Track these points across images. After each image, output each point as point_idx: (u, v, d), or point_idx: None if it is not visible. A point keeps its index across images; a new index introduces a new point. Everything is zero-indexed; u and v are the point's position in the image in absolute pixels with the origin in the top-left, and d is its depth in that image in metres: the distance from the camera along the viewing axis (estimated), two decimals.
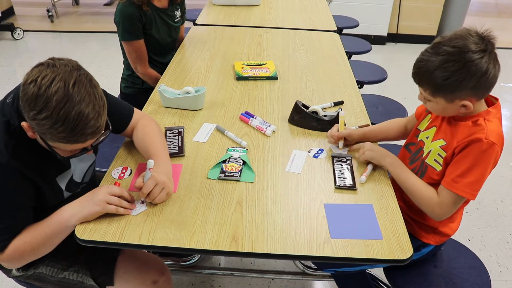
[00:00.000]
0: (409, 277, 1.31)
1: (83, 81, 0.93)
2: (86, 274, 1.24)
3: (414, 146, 1.32)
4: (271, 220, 1.10)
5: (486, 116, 1.11)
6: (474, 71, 1.02)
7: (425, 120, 1.31)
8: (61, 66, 0.93)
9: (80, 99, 0.91)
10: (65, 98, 0.89)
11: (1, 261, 1.08)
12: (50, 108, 0.89)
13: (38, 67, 0.93)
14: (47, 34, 4.76)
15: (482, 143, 1.07)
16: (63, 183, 1.17)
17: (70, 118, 0.90)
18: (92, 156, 1.29)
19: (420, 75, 1.11)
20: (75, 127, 0.92)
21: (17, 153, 1.00)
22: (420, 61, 1.10)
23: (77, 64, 0.97)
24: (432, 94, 1.11)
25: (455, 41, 1.04)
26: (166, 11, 2.04)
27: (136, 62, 1.99)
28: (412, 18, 4.61)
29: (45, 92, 0.89)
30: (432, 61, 1.06)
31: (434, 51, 1.07)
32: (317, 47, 2.25)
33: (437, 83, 1.07)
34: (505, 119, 3.38)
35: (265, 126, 1.48)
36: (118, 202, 1.08)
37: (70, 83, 0.91)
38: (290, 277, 1.88)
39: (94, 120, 0.94)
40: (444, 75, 1.05)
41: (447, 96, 1.08)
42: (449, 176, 1.13)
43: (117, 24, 1.90)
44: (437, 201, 1.16)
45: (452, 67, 1.04)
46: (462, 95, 1.07)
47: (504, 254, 2.09)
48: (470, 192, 1.11)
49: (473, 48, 1.02)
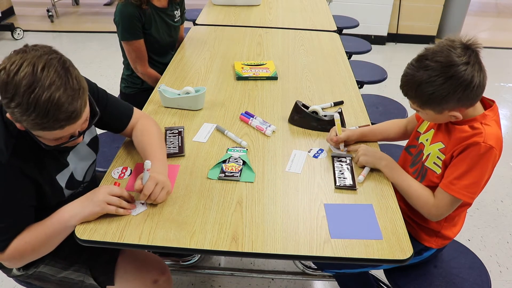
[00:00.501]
0: (409, 277, 1.31)
1: (54, 65, 0.89)
2: (87, 274, 1.24)
3: (415, 148, 1.32)
4: (271, 220, 1.10)
5: (483, 120, 1.11)
6: (459, 84, 1.03)
7: (425, 122, 1.31)
8: (31, 51, 0.89)
9: (50, 83, 0.87)
10: (34, 83, 0.86)
11: (2, 260, 1.08)
12: (19, 94, 0.86)
13: (10, 54, 0.90)
14: (47, 34, 4.76)
15: (480, 147, 1.07)
16: (63, 181, 1.17)
17: (40, 103, 0.86)
18: (92, 155, 1.29)
19: (406, 89, 1.12)
20: (47, 112, 0.88)
21: (17, 152, 1.00)
22: (405, 75, 1.12)
23: (50, 49, 0.93)
24: (420, 107, 1.13)
25: (439, 55, 1.05)
26: (166, 10, 2.04)
27: (136, 62, 1.99)
28: (412, 18, 4.61)
29: (13, 78, 0.86)
30: (416, 76, 1.08)
31: (418, 65, 1.08)
32: (317, 47, 2.25)
33: (423, 97, 1.09)
34: (505, 119, 3.38)
35: (265, 126, 1.48)
36: (118, 202, 1.08)
37: (38, 68, 0.87)
38: (290, 277, 1.88)
39: (68, 104, 0.90)
40: (429, 90, 1.06)
41: (435, 108, 1.10)
42: (446, 178, 1.14)
43: (116, 24, 1.90)
44: (433, 202, 1.16)
45: (436, 81, 1.05)
46: (449, 107, 1.08)
47: (504, 254, 2.09)
48: (467, 195, 1.11)
49: (456, 61, 1.03)
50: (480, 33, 5.06)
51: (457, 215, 1.25)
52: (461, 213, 1.27)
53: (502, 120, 3.35)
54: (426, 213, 1.19)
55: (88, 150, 1.26)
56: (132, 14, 1.86)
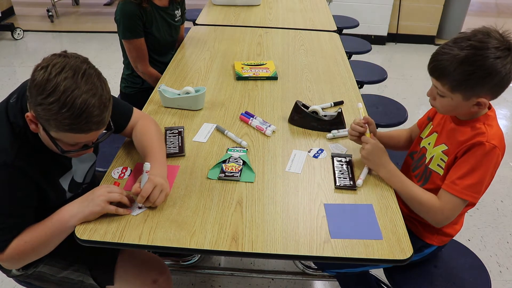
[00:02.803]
0: (409, 277, 1.31)
1: (92, 74, 0.97)
2: (86, 274, 1.24)
3: (417, 153, 1.32)
4: (271, 220, 1.10)
5: (485, 121, 1.11)
6: (499, 69, 1.01)
7: (427, 128, 1.31)
8: (72, 58, 0.96)
9: (87, 89, 0.94)
10: (73, 86, 0.92)
11: (1, 261, 1.08)
12: (58, 93, 0.91)
13: (50, 56, 0.96)
14: (47, 34, 4.76)
15: (484, 146, 1.06)
16: (65, 184, 1.17)
17: (76, 104, 0.92)
18: (93, 156, 1.29)
19: (441, 69, 1.06)
20: (81, 114, 0.93)
21: (22, 153, 1.01)
22: (441, 54, 1.06)
23: (87, 59, 1.00)
24: (451, 90, 1.07)
25: (480, 37, 1.02)
26: (167, 9, 2.04)
27: (136, 61, 1.99)
28: (412, 18, 4.61)
29: (55, 78, 0.91)
30: (455, 55, 1.03)
31: (456, 46, 1.04)
32: (317, 47, 2.25)
33: (459, 78, 1.03)
34: (505, 119, 3.38)
35: (265, 126, 1.48)
36: (119, 197, 1.08)
37: (79, 73, 0.94)
38: (290, 277, 1.88)
39: (99, 111, 0.96)
40: (468, 70, 1.02)
41: (467, 92, 1.05)
42: (449, 179, 1.13)
43: (117, 23, 1.90)
44: (439, 206, 1.13)
45: (477, 62, 1.01)
46: (481, 92, 1.05)
47: (504, 254, 2.09)
48: (470, 194, 1.10)
49: (497, 45, 1.01)
50: None
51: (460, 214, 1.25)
52: (464, 212, 1.26)
53: (502, 120, 3.35)
54: (431, 218, 1.16)
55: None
56: (133, 12, 1.86)
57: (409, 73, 4.04)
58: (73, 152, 1.05)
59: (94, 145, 1.07)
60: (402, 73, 4.05)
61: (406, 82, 3.85)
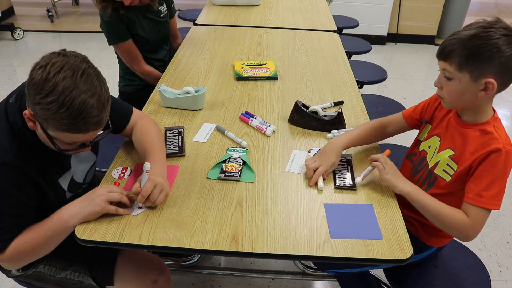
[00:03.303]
0: (409, 277, 1.31)
1: (91, 74, 0.96)
2: (86, 274, 1.24)
3: (416, 156, 1.31)
4: (271, 220, 1.10)
5: (495, 123, 1.09)
6: (505, 47, 1.00)
7: (425, 130, 1.29)
8: (71, 57, 0.95)
9: (86, 89, 0.93)
10: (72, 86, 0.91)
11: (1, 261, 1.08)
12: (57, 92, 0.90)
13: (49, 55, 0.95)
14: (47, 34, 4.76)
15: (502, 153, 1.05)
16: (65, 184, 1.17)
17: (75, 104, 0.91)
18: (92, 156, 1.29)
19: (451, 46, 1.06)
20: (79, 114, 0.92)
21: (21, 153, 1.01)
22: (451, 36, 1.07)
23: (86, 58, 0.99)
24: (458, 68, 1.05)
25: (488, 20, 1.04)
26: (148, 8, 1.99)
27: (132, 63, 1.99)
28: (412, 18, 4.61)
29: (53, 77, 0.90)
30: (463, 34, 1.04)
31: (465, 28, 1.06)
32: (317, 47, 2.25)
33: (467, 53, 1.03)
34: (505, 119, 3.38)
35: (265, 126, 1.48)
36: (119, 197, 1.08)
37: (78, 73, 0.93)
38: (290, 277, 1.88)
39: (98, 111, 0.96)
40: (475, 44, 1.02)
41: (474, 70, 1.04)
42: (472, 191, 1.08)
43: (102, 30, 1.91)
44: (469, 223, 1.08)
45: (484, 38, 1.01)
46: (489, 71, 1.03)
47: (504, 254, 2.09)
48: (497, 204, 1.07)
49: (504, 26, 1.02)
50: None
51: None
52: None
53: (502, 120, 3.33)
54: (462, 235, 1.11)
55: (88, 152, 1.26)
56: (113, 17, 1.85)
57: (409, 73, 4.04)
58: (71, 151, 1.05)
59: (92, 143, 1.07)
60: (402, 73, 4.04)
61: (406, 82, 3.85)
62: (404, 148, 1.83)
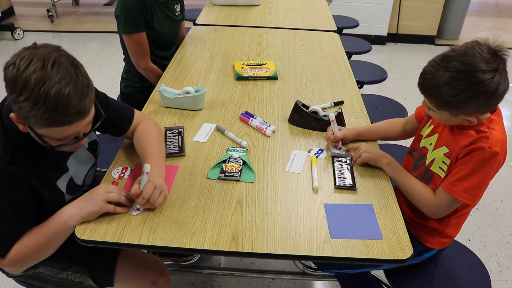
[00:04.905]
0: (409, 278, 1.31)
1: (63, 61, 0.91)
2: (86, 275, 1.24)
3: (417, 152, 1.32)
4: (271, 220, 1.10)
5: (489, 125, 1.10)
6: (483, 91, 1.00)
7: (427, 125, 1.30)
8: (40, 48, 0.91)
9: (59, 78, 0.88)
10: (43, 78, 0.87)
11: (3, 266, 1.08)
12: (29, 88, 0.86)
13: (19, 51, 0.91)
14: (47, 34, 4.76)
15: (485, 152, 1.06)
16: (63, 186, 1.16)
17: (50, 96, 0.87)
18: (91, 158, 1.29)
19: (426, 87, 1.08)
20: (57, 106, 0.88)
21: (15, 158, 0.99)
22: (427, 73, 1.07)
23: (59, 48, 0.94)
24: (437, 108, 1.09)
25: (465, 58, 1.01)
26: (167, 4, 2.04)
27: (138, 57, 1.98)
28: (412, 18, 4.61)
29: (23, 72, 0.86)
30: (440, 76, 1.03)
31: (443, 65, 1.04)
32: (317, 47, 2.25)
33: (443, 99, 1.05)
34: (505, 119, 3.38)
35: (265, 126, 1.48)
36: (117, 197, 1.08)
37: (49, 63, 0.88)
38: (290, 277, 1.88)
39: (77, 100, 0.91)
40: (452, 93, 1.02)
41: (452, 111, 1.07)
42: (449, 179, 1.14)
43: (118, 18, 1.90)
44: (434, 201, 1.18)
45: (460, 85, 1.01)
46: (468, 112, 1.06)
47: (504, 254, 2.09)
48: (467, 197, 1.11)
49: (483, 68, 0.99)
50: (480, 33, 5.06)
51: (461, 215, 1.25)
52: (466, 214, 1.26)
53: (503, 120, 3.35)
54: (426, 211, 1.21)
55: (87, 154, 1.26)
56: (135, 6, 1.86)
57: (409, 73, 4.04)
58: (65, 146, 1.01)
59: (86, 135, 1.03)
60: (402, 73, 4.05)
61: (406, 82, 3.85)
62: (404, 148, 1.83)
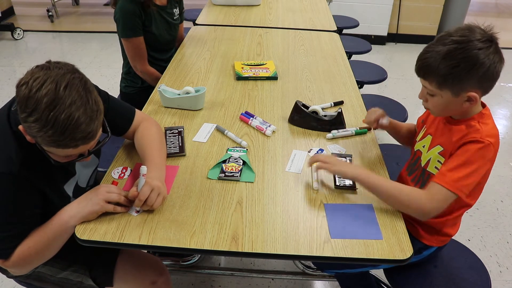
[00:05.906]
0: (409, 277, 1.31)
1: (76, 84, 0.91)
2: (86, 274, 1.24)
3: (412, 156, 1.32)
4: (271, 220, 1.10)
5: (480, 119, 1.11)
6: (482, 60, 1.01)
7: (421, 131, 1.31)
8: (54, 69, 0.91)
9: (71, 102, 0.88)
10: (55, 101, 0.87)
11: (7, 267, 1.08)
12: (39, 110, 0.87)
13: (32, 69, 0.91)
14: (47, 34, 4.76)
15: (477, 142, 1.07)
16: (70, 190, 1.17)
17: (59, 121, 0.87)
18: (95, 160, 1.29)
19: (425, 66, 1.08)
20: (65, 130, 0.89)
21: (27, 163, 1.00)
22: (425, 52, 1.08)
23: (72, 68, 0.95)
24: (438, 86, 1.08)
25: (461, 32, 1.04)
26: (165, 8, 2.04)
27: (135, 60, 1.99)
28: (412, 18, 4.61)
29: (35, 94, 0.87)
30: (438, 51, 1.05)
31: (439, 43, 1.06)
32: (317, 47, 2.25)
33: (444, 72, 1.04)
34: (505, 119, 3.38)
35: (265, 126, 1.48)
36: (117, 197, 1.08)
37: (61, 86, 0.88)
38: (290, 277, 1.88)
39: (85, 125, 0.91)
40: (451, 63, 1.03)
41: (454, 87, 1.06)
42: (440, 171, 1.12)
43: (117, 21, 1.91)
44: (426, 196, 1.09)
45: (459, 54, 1.02)
46: (469, 86, 1.05)
47: (504, 254, 2.09)
48: (458, 188, 1.07)
49: (479, 37, 1.02)
50: None
51: (459, 215, 1.24)
52: (462, 213, 1.26)
53: (502, 120, 3.35)
54: (419, 211, 1.11)
55: (92, 156, 1.26)
56: (133, 11, 1.86)
57: (409, 73, 4.04)
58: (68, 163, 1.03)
59: (91, 153, 1.05)
60: (402, 73, 4.05)
61: (406, 82, 3.85)
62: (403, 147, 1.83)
